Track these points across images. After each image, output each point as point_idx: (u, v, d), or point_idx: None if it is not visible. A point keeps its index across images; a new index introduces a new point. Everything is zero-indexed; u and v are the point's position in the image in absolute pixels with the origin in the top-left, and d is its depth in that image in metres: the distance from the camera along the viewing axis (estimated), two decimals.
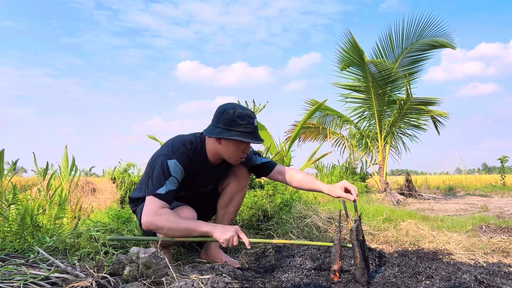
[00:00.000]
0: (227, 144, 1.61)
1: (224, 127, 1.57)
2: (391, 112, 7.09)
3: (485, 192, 7.88)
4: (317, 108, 6.83)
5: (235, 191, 1.86)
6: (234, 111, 1.57)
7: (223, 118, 1.58)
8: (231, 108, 1.59)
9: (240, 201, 1.92)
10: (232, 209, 1.89)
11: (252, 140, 1.58)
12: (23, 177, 11.30)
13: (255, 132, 1.61)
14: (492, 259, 1.91)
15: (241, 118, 1.56)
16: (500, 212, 4.11)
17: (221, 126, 1.58)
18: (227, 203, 1.87)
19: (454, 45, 6.59)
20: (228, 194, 1.86)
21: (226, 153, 1.65)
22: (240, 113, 1.57)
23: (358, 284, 1.45)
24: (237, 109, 1.58)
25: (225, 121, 1.57)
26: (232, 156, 1.66)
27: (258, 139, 1.61)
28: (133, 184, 5.07)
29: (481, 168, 50.20)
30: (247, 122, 1.57)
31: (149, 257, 1.31)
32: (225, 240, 1.43)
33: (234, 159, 1.68)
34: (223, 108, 1.61)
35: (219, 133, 1.57)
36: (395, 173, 10.19)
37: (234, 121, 1.56)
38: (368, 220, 2.96)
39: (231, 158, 1.67)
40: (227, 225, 1.87)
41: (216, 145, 1.65)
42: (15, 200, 1.94)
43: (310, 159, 6.77)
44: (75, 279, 1.21)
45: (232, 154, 1.65)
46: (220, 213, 1.89)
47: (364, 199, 5.51)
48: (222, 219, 1.89)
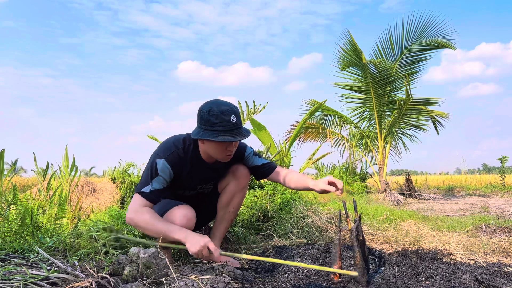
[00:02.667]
0: (209, 145, 1.61)
1: (202, 128, 1.56)
2: (391, 112, 7.09)
3: (485, 192, 7.88)
4: (317, 108, 6.83)
5: (235, 191, 1.86)
6: (209, 110, 1.54)
7: (200, 119, 1.58)
8: (206, 107, 1.56)
9: (240, 202, 1.92)
10: (232, 209, 1.89)
11: (229, 138, 1.52)
12: (23, 177, 11.31)
13: (233, 129, 1.54)
14: (492, 259, 1.91)
15: (214, 117, 1.52)
16: (500, 212, 4.11)
17: (200, 127, 1.58)
18: (227, 203, 1.87)
19: (454, 45, 6.59)
20: (227, 194, 1.86)
21: (211, 152, 1.64)
22: (214, 112, 1.53)
23: (358, 284, 1.45)
24: (212, 108, 1.54)
25: (201, 122, 1.57)
26: (217, 154, 1.64)
27: (237, 135, 1.54)
28: (133, 184, 5.07)
29: (481, 168, 50.19)
30: (221, 120, 1.52)
31: (149, 257, 1.31)
32: (194, 253, 1.44)
33: (220, 157, 1.65)
34: (201, 108, 1.60)
35: (197, 134, 1.58)
36: (395, 173, 10.19)
37: (209, 120, 1.53)
38: (368, 220, 2.96)
39: (217, 156, 1.65)
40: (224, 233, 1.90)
41: (201, 144, 1.66)
42: (15, 200, 1.94)
43: (310, 159, 6.77)
44: (75, 279, 1.21)
45: (215, 153, 1.63)
46: (220, 213, 1.89)
47: (364, 199, 5.51)
48: (222, 220, 1.89)
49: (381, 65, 6.59)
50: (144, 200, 1.56)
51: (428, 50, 6.86)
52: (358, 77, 7.08)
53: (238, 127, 1.57)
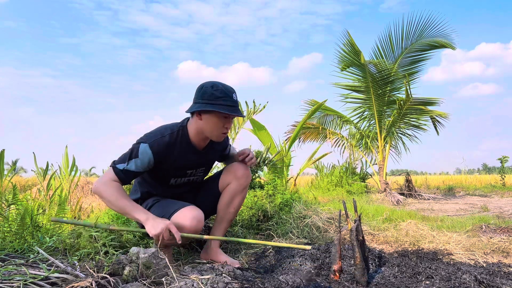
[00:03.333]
0: (208, 119, 1.62)
1: (203, 102, 1.59)
2: (391, 112, 7.09)
3: (485, 192, 7.88)
4: (317, 108, 6.83)
5: (235, 192, 1.85)
6: (212, 85, 1.61)
7: (201, 94, 1.61)
8: (209, 83, 1.63)
9: (241, 202, 1.91)
10: (233, 210, 1.88)
11: (232, 112, 1.60)
12: (23, 177, 11.31)
13: (235, 106, 1.63)
14: (492, 259, 1.91)
15: (219, 92, 1.59)
16: (500, 212, 4.11)
17: (200, 102, 1.60)
18: (228, 203, 1.86)
19: (454, 46, 6.59)
20: (228, 194, 1.86)
21: (207, 129, 1.65)
22: (218, 88, 1.60)
23: (358, 284, 1.45)
24: (215, 84, 1.62)
25: (204, 96, 1.59)
26: (214, 131, 1.65)
27: (238, 112, 1.62)
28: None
29: (481, 168, 50.23)
30: (225, 95, 1.59)
31: (149, 257, 1.31)
32: (155, 235, 1.44)
33: (216, 134, 1.67)
34: (202, 84, 1.64)
35: (199, 107, 1.59)
36: (395, 173, 10.19)
37: (212, 94, 1.58)
38: (368, 220, 2.96)
39: (213, 133, 1.66)
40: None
41: (197, 122, 1.65)
42: (15, 200, 1.94)
43: (310, 159, 6.76)
44: (75, 279, 1.21)
45: (213, 129, 1.64)
46: (220, 214, 1.88)
47: (364, 199, 5.51)
48: (222, 220, 1.88)
49: (381, 65, 6.59)
50: (114, 175, 1.56)
51: (428, 50, 6.87)
52: (358, 77, 7.08)
53: (238, 106, 1.66)
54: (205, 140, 1.74)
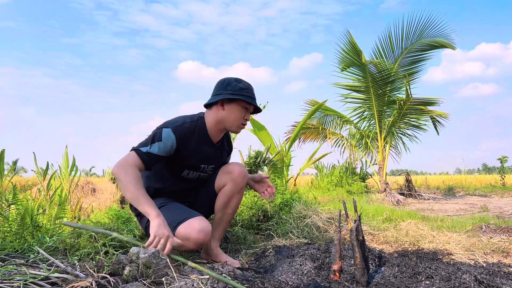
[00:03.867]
0: (230, 109, 1.68)
1: (227, 93, 1.66)
2: (391, 112, 7.09)
3: (485, 192, 7.88)
4: (317, 108, 6.83)
5: (232, 192, 1.83)
6: (236, 79, 1.71)
7: (224, 86, 1.69)
8: (233, 78, 1.72)
9: (238, 203, 1.89)
10: (230, 211, 1.86)
11: (254, 103, 1.69)
12: (23, 177, 11.30)
13: (255, 99, 1.73)
14: (492, 259, 1.91)
15: (242, 84, 1.69)
16: (500, 212, 4.11)
17: (223, 93, 1.67)
18: (225, 205, 1.84)
19: (454, 46, 6.59)
20: (225, 195, 1.83)
21: (228, 119, 1.70)
22: (241, 81, 1.70)
23: (358, 284, 1.45)
24: (238, 78, 1.72)
25: (227, 88, 1.67)
26: (235, 122, 1.71)
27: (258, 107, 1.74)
28: None
29: (481, 168, 50.22)
30: (248, 88, 1.70)
31: (149, 257, 1.31)
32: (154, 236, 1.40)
33: (236, 124, 1.72)
34: (225, 78, 1.73)
35: (223, 96, 1.66)
36: (395, 173, 10.20)
37: (237, 85, 1.67)
38: (368, 220, 2.96)
39: (233, 123, 1.71)
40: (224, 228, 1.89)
41: (218, 112, 1.70)
42: (15, 200, 1.94)
43: (310, 160, 6.77)
44: (75, 279, 1.21)
45: (234, 119, 1.70)
46: (218, 215, 1.86)
47: (364, 199, 5.51)
48: (220, 221, 1.87)
49: (381, 65, 6.59)
50: (138, 159, 1.54)
51: (428, 50, 6.87)
52: (358, 77, 7.08)
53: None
54: (221, 132, 1.79)
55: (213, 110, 1.72)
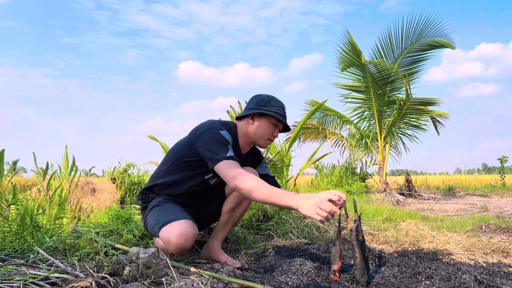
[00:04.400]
0: (260, 123, 1.71)
1: (258, 108, 1.70)
2: (391, 112, 7.09)
3: (485, 192, 7.88)
4: (317, 108, 6.83)
5: (242, 197, 1.80)
6: (268, 96, 1.75)
7: (258, 101, 1.72)
8: (266, 95, 1.76)
9: (247, 208, 1.88)
10: (238, 214, 1.86)
11: (284, 120, 1.71)
12: (23, 177, 11.31)
13: (285, 117, 1.74)
14: (492, 259, 1.91)
15: (275, 101, 1.72)
16: (500, 212, 4.11)
17: (255, 108, 1.71)
18: (233, 208, 1.83)
19: (453, 45, 6.60)
20: (234, 199, 1.82)
21: (257, 133, 1.72)
22: (274, 99, 1.74)
23: (358, 284, 1.45)
24: (271, 96, 1.76)
25: (260, 103, 1.71)
26: (263, 136, 1.73)
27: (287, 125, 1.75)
28: (133, 184, 5.07)
29: (481, 168, 50.23)
30: (280, 106, 1.72)
31: (149, 257, 1.31)
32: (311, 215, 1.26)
33: (263, 139, 1.74)
34: (258, 94, 1.77)
35: (255, 110, 1.69)
36: (395, 173, 10.21)
37: (269, 102, 1.71)
38: (368, 220, 2.96)
39: (261, 138, 1.73)
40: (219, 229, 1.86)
41: (247, 125, 1.73)
42: (15, 200, 1.94)
43: (310, 159, 6.77)
44: (75, 279, 1.21)
45: (262, 134, 1.72)
46: (225, 217, 1.85)
47: (364, 199, 5.51)
48: (226, 223, 1.86)
49: (381, 65, 6.60)
50: (236, 163, 1.50)
51: (428, 50, 6.87)
52: (358, 77, 7.09)
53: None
54: (249, 146, 1.80)
55: (244, 123, 1.75)
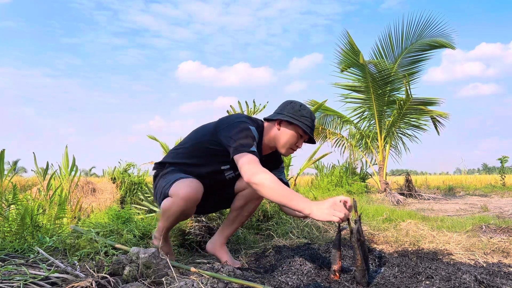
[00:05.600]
0: (286, 131, 1.68)
1: (287, 115, 1.66)
2: (391, 112, 7.10)
3: (485, 192, 7.88)
4: (317, 108, 6.82)
5: (251, 197, 1.81)
6: (301, 105, 1.70)
7: (288, 108, 1.69)
8: (298, 103, 1.72)
9: (255, 208, 1.88)
10: (246, 213, 1.86)
11: (311, 133, 1.67)
12: (23, 177, 11.31)
13: (313, 129, 1.71)
14: (492, 259, 1.91)
15: (305, 112, 1.68)
16: (500, 212, 4.11)
17: (285, 113, 1.67)
18: (242, 207, 1.83)
19: (453, 45, 6.60)
20: (243, 198, 1.81)
21: (281, 140, 1.69)
22: (305, 108, 1.69)
23: (358, 285, 1.45)
24: (304, 105, 1.72)
25: (289, 110, 1.67)
26: (286, 144, 1.70)
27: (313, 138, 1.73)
28: (133, 184, 5.07)
29: (481, 168, 50.23)
30: (310, 116, 1.68)
31: (149, 257, 1.31)
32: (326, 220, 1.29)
33: (286, 147, 1.71)
34: (291, 100, 1.73)
35: (283, 117, 1.66)
36: (395, 173, 10.20)
37: (299, 111, 1.67)
38: (368, 220, 2.96)
39: (284, 145, 1.70)
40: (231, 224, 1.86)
41: (274, 129, 1.71)
42: (15, 200, 1.94)
43: (310, 159, 6.76)
44: (75, 279, 1.21)
45: (286, 142, 1.69)
46: (233, 214, 1.85)
47: (364, 199, 5.51)
48: (233, 220, 1.86)
49: (381, 65, 6.60)
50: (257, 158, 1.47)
51: (428, 50, 6.87)
52: (358, 77, 7.09)
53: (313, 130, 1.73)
54: (271, 149, 1.78)
55: (270, 126, 1.73)
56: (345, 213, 1.30)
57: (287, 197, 1.34)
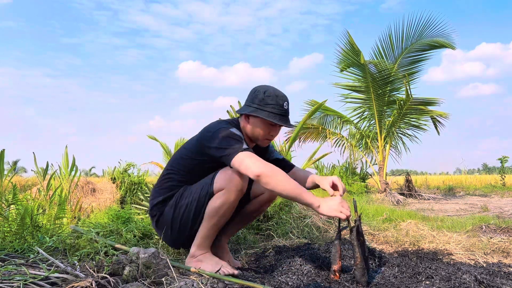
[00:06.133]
0: (255, 123, 1.63)
1: (254, 106, 1.60)
2: (391, 112, 7.10)
3: (485, 192, 7.88)
4: (317, 108, 6.83)
5: (266, 202, 1.82)
6: (265, 91, 1.61)
7: (253, 97, 1.62)
8: (263, 88, 1.63)
9: (265, 210, 1.90)
10: (255, 215, 1.87)
11: (279, 121, 1.57)
12: (23, 177, 11.31)
13: (284, 114, 1.61)
14: (492, 259, 1.91)
15: (270, 98, 1.59)
16: (500, 212, 4.11)
17: (251, 105, 1.61)
18: (254, 211, 1.84)
19: (453, 45, 6.60)
20: (259, 203, 1.82)
21: (253, 132, 1.65)
22: (270, 94, 1.60)
23: (358, 285, 1.45)
24: (268, 90, 1.62)
25: (254, 101, 1.60)
26: (259, 136, 1.65)
27: (286, 122, 1.60)
28: (133, 184, 5.07)
29: (481, 168, 50.24)
30: (276, 102, 1.59)
31: (149, 257, 1.31)
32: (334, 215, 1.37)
33: (261, 138, 1.66)
34: (255, 88, 1.65)
35: (246, 110, 1.60)
36: (395, 173, 10.21)
37: (263, 100, 1.59)
38: (368, 220, 2.96)
39: (258, 138, 1.66)
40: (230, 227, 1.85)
41: (245, 123, 1.66)
42: (15, 200, 1.94)
43: (310, 159, 6.76)
44: (75, 279, 1.21)
45: (258, 134, 1.64)
46: (242, 216, 1.85)
47: (364, 199, 5.51)
48: (241, 221, 1.86)
49: (381, 65, 6.60)
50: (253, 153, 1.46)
51: (428, 50, 6.87)
52: (358, 77, 7.09)
53: (287, 115, 1.64)
54: (251, 142, 1.73)
55: (242, 119, 1.68)
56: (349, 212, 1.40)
57: (296, 190, 1.39)
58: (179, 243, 1.73)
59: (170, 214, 1.64)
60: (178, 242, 1.72)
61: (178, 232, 1.65)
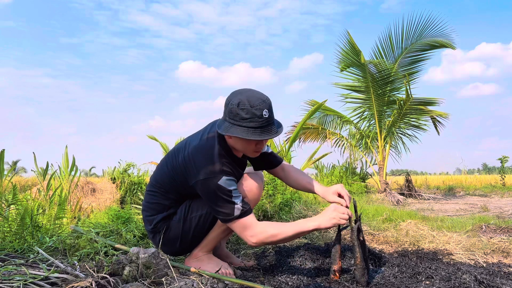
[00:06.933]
0: (235, 139, 1.46)
1: (229, 121, 1.40)
2: (391, 112, 7.09)
3: (485, 192, 7.88)
4: (316, 108, 6.83)
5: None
6: (239, 103, 1.37)
7: (228, 111, 1.41)
8: (236, 99, 1.39)
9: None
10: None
11: (260, 136, 1.38)
12: (23, 177, 11.30)
13: (265, 125, 1.39)
14: (492, 259, 1.91)
15: (245, 112, 1.36)
16: (500, 212, 4.11)
17: (227, 120, 1.41)
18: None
19: (454, 45, 6.59)
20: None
21: (237, 147, 1.50)
22: (244, 106, 1.36)
23: (358, 285, 1.45)
24: (242, 101, 1.38)
25: (230, 115, 1.40)
26: (245, 151, 1.51)
27: (267, 133, 1.40)
28: (133, 184, 5.07)
29: (481, 168, 50.24)
30: (252, 115, 1.36)
31: (149, 257, 1.31)
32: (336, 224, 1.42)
33: (248, 153, 1.53)
34: (229, 99, 1.43)
35: (224, 130, 1.41)
36: (395, 173, 10.20)
37: (238, 114, 1.37)
38: (368, 220, 2.96)
39: (245, 152, 1.53)
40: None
41: (227, 138, 1.49)
42: (15, 200, 1.94)
43: (310, 159, 6.76)
44: (74, 279, 1.21)
45: (243, 149, 1.50)
46: None
47: (364, 199, 5.51)
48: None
49: (381, 65, 6.60)
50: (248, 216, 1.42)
51: (428, 50, 6.87)
52: (358, 77, 7.09)
53: (271, 123, 1.42)
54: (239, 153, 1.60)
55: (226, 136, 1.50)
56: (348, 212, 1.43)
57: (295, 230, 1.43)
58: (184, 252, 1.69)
59: (179, 228, 1.58)
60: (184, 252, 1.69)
61: (190, 244, 1.62)
